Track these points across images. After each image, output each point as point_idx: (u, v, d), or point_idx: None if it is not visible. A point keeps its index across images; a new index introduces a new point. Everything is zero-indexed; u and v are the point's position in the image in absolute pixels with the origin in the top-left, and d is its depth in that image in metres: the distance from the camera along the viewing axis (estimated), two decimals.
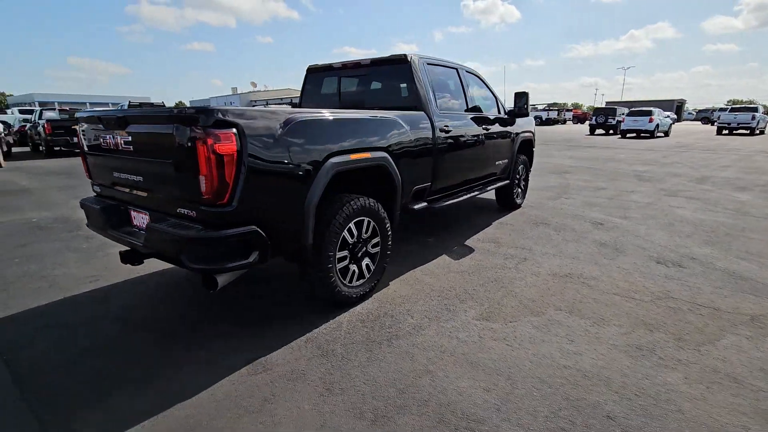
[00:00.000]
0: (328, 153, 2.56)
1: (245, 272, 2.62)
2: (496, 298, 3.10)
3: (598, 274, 3.54)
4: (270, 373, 2.21)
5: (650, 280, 3.42)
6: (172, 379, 2.17)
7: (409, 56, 3.68)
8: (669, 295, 3.13)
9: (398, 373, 2.21)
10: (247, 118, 2.14)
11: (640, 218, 5.33)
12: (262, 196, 2.25)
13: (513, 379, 2.15)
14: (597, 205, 6.08)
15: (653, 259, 3.90)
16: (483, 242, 4.45)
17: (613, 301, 3.04)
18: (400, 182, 3.25)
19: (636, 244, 4.33)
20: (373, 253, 3.12)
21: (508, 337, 2.56)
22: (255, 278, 3.48)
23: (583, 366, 2.26)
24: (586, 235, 4.63)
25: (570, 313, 2.86)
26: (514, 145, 5.40)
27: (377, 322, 2.76)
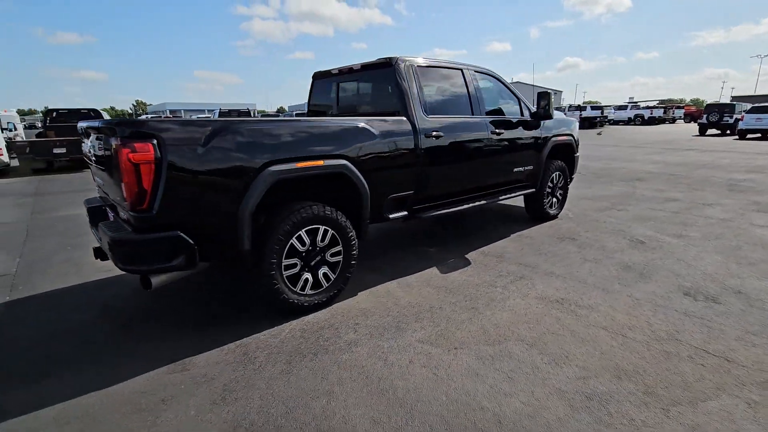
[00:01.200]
0: (266, 161, 2.57)
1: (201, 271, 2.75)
2: (458, 320, 2.83)
3: (597, 303, 3.05)
4: (185, 374, 2.30)
5: (661, 315, 2.84)
6: (102, 368, 2.36)
7: (394, 60, 3.54)
8: (674, 337, 2.57)
9: (299, 390, 2.14)
10: (169, 129, 2.25)
11: (698, 238, 4.46)
12: (186, 203, 2.34)
13: (412, 414, 1.95)
14: (652, 219, 5.23)
15: (682, 289, 3.24)
16: (486, 256, 4.10)
17: (595, 337, 2.59)
18: (368, 191, 3.14)
19: (672, 269, 3.63)
20: (332, 262, 3.06)
21: (441, 366, 2.32)
22: (232, 278, 3.64)
23: (503, 411, 1.96)
24: (613, 255, 4.01)
25: (531, 346, 2.51)
26: (543, 151, 4.88)
27: (318, 333, 2.71)
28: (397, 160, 3.36)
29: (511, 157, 4.49)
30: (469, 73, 4.13)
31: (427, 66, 3.77)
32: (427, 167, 3.59)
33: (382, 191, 3.31)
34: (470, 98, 4.07)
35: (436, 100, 3.82)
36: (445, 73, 3.96)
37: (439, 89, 3.89)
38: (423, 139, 3.51)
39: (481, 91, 4.20)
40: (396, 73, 3.51)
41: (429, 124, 3.58)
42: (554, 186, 5.29)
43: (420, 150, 3.49)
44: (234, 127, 2.48)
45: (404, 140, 3.39)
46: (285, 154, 2.66)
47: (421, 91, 3.59)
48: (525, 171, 4.73)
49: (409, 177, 3.49)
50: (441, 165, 3.73)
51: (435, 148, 3.62)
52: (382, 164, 3.26)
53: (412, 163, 3.47)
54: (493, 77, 4.49)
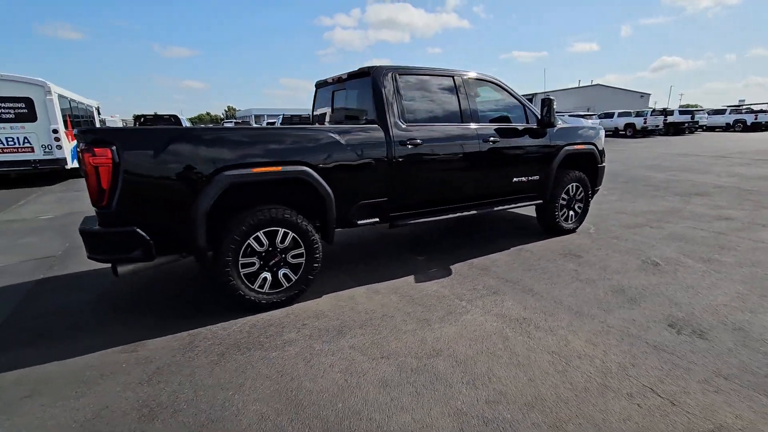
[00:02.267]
0: (220, 167, 2.78)
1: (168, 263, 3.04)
2: (402, 330, 2.81)
3: (559, 326, 2.83)
4: (132, 354, 2.57)
5: (626, 346, 2.57)
6: (73, 342, 2.72)
7: (373, 69, 3.59)
8: (625, 371, 2.32)
9: (215, 380, 2.30)
10: (126, 136, 2.55)
11: (729, 263, 3.90)
12: (142, 202, 2.62)
13: (299, 416, 2.00)
14: (686, 240, 4.65)
15: (669, 320, 2.88)
16: (472, 268, 3.97)
17: (534, 362, 2.42)
18: (332, 197, 3.23)
19: (672, 296, 3.24)
20: (294, 264, 3.20)
21: (356, 373, 2.34)
22: None
23: (389, 425, 1.94)
24: (612, 277, 3.67)
25: (459, 364, 2.42)
26: (553, 161, 4.59)
27: (263, 330, 2.86)
28: (367, 168, 3.41)
29: (509, 166, 4.29)
30: (462, 80, 4.04)
31: (411, 74, 3.77)
32: (402, 175, 3.59)
33: (349, 198, 3.39)
34: (460, 106, 3.98)
35: (419, 109, 3.79)
36: (433, 81, 3.92)
37: (423, 97, 3.86)
38: (397, 147, 3.52)
39: (474, 99, 4.09)
40: (373, 82, 3.56)
41: (406, 132, 3.58)
42: (571, 198, 4.94)
43: (394, 158, 3.51)
44: (189, 134, 2.73)
45: (375, 148, 3.43)
46: (240, 160, 2.86)
47: (399, 100, 3.60)
48: (529, 181, 4.48)
49: (381, 184, 3.51)
50: (419, 173, 3.70)
51: (412, 157, 3.60)
52: (348, 171, 3.33)
53: (385, 171, 3.49)
54: (493, 84, 4.34)
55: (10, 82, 9.70)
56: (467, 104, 4.01)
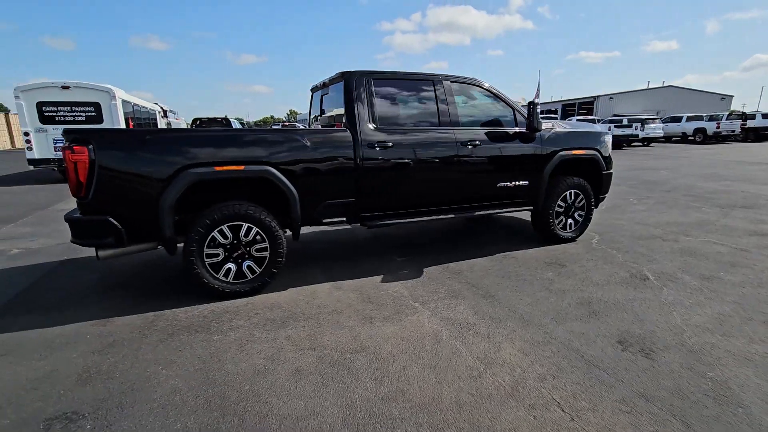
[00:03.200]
0: (184, 165, 3.05)
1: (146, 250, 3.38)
2: (342, 325, 2.91)
3: (498, 333, 2.78)
4: (100, 328, 2.91)
5: (558, 358, 2.47)
6: (61, 315, 3.12)
7: (347, 74, 3.72)
8: (534, 385, 2.25)
9: (154, 356, 2.55)
10: (101, 137, 2.90)
11: (733, 283, 3.54)
12: (114, 195, 2.96)
13: (206, 393, 2.18)
14: (696, 255, 4.27)
15: (622, 336, 2.71)
16: (445, 271, 3.95)
17: (451, 366, 2.42)
18: (296, 195, 3.41)
19: (641, 312, 3.03)
20: (258, 257, 3.41)
21: (277, 360, 2.48)
22: None
23: (280, 409, 2.06)
24: (586, 289, 3.49)
25: (378, 360, 2.47)
26: (545, 166, 4.43)
27: (217, 316, 3.09)
28: (333, 169, 3.55)
29: (492, 171, 4.21)
30: (443, 85, 4.04)
31: (387, 79, 3.85)
32: (371, 177, 3.68)
33: (315, 197, 3.54)
34: (438, 110, 3.99)
35: (393, 113, 3.86)
36: (411, 85, 3.97)
37: (399, 102, 3.92)
38: (365, 149, 3.62)
39: (454, 103, 4.06)
40: (345, 86, 3.70)
41: (375, 135, 3.67)
42: (569, 206, 4.72)
43: (361, 160, 3.61)
44: (157, 135, 3.04)
45: (341, 150, 3.55)
46: (204, 159, 3.12)
47: (370, 104, 3.70)
48: (516, 186, 4.36)
49: (349, 186, 3.63)
50: (390, 176, 3.76)
51: (381, 159, 3.68)
52: (313, 172, 3.49)
53: (351, 172, 3.60)
54: (480, 88, 4.28)
55: (83, 89, 11.05)
56: (446, 108, 4.01)
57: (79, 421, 1.97)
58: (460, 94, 4.19)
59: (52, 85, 10.85)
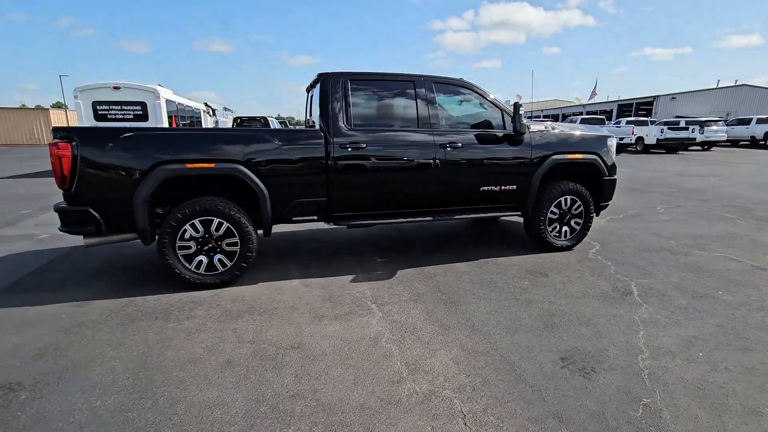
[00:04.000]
0: (157, 162, 3.26)
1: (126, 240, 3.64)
2: (290, 322, 2.98)
3: (439, 340, 2.72)
4: (76, 309, 3.18)
5: (485, 371, 2.39)
6: (53, 295, 3.45)
7: (323, 76, 3.78)
8: (440, 389, 2.18)
9: (109, 336, 2.75)
10: (83, 134, 3.17)
11: (726, 303, 3.22)
12: (93, 188, 3.22)
13: (137, 374, 2.33)
14: (699, 271, 3.91)
15: (568, 353, 2.56)
16: (419, 275, 3.90)
17: (369, 368, 2.41)
18: (266, 193, 3.52)
19: (600, 330, 2.84)
20: (229, 251, 3.57)
21: (216, 351, 2.59)
22: None
23: (193, 398, 2.17)
24: (556, 301, 3.31)
25: (305, 359, 2.51)
26: (537, 170, 4.24)
27: (182, 305, 3.26)
28: (303, 169, 3.63)
29: (474, 174, 4.09)
30: (425, 86, 3.98)
31: (365, 80, 3.87)
32: (343, 178, 3.72)
33: (285, 195, 3.63)
34: (418, 111, 3.94)
35: (369, 114, 3.87)
36: (390, 86, 3.96)
37: (376, 103, 3.92)
38: (337, 150, 3.66)
39: (435, 105, 3.99)
40: (320, 87, 3.76)
41: (347, 136, 3.70)
42: (564, 213, 4.49)
43: (332, 161, 3.66)
44: (133, 133, 3.26)
45: (312, 150, 3.62)
46: (176, 156, 3.31)
47: (345, 105, 3.73)
48: (502, 191, 4.21)
49: (319, 185, 3.69)
50: (362, 177, 3.78)
51: (353, 160, 3.71)
52: (284, 171, 3.58)
53: (322, 172, 3.66)
54: (467, 89, 4.17)
55: (131, 89, 11.97)
56: (426, 109, 3.95)
57: (18, 391, 2.19)
58: (443, 95, 4.12)
59: (105, 85, 11.86)
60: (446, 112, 4.12)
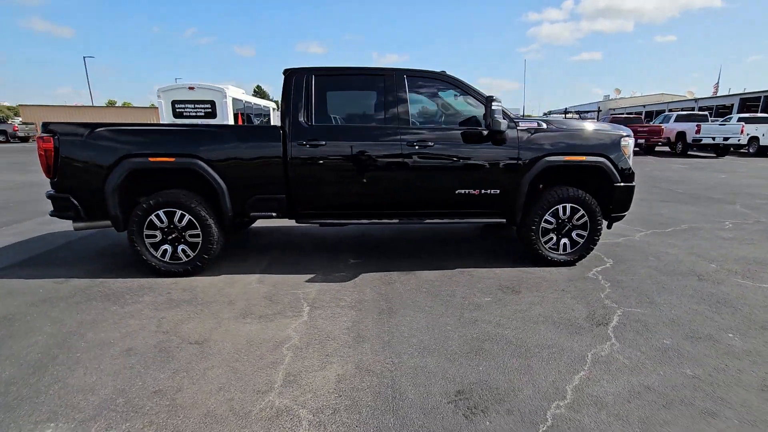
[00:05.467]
0: (123, 155, 3.49)
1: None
2: (214, 317, 3.00)
3: (334, 353, 2.53)
4: (56, 284, 3.55)
5: (356, 394, 2.16)
6: (48, 270, 3.91)
7: (288, 72, 3.72)
8: (289, 413, 2.01)
9: (57, 314, 3.02)
10: (63, 129, 3.50)
11: (726, 351, 2.54)
12: (72, 177, 3.55)
13: (51, 351, 2.52)
14: (723, 306, 3.14)
15: (472, 386, 2.21)
16: (377, 280, 3.69)
17: (235, 369, 2.31)
18: (224, 188, 3.60)
19: (532, 365, 2.41)
20: (192, 243, 3.72)
21: (127, 336, 2.70)
22: None
23: (75, 382, 2.28)
24: (510, 324, 2.90)
25: (201, 353, 2.51)
26: (526, 173, 3.75)
27: (138, 290, 3.45)
28: (261, 165, 3.63)
29: (448, 176, 3.74)
30: (397, 80, 3.72)
31: (332, 75, 3.74)
32: (301, 175, 3.65)
33: (244, 190, 3.67)
34: (386, 106, 3.69)
35: (333, 110, 3.74)
36: (359, 81, 3.78)
37: (342, 98, 3.78)
38: (295, 147, 3.60)
39: (406, 100, 3.70)
40: (284, 84, 3.71)
41: (307, 133, 3.61)
42: (562, 223, 3.92)
43: (291, 157, 3.61)
44: (105, 129, 3.53)
45: (270, 147, 3.60)
46: (140, 150, 3.52)
47: (307, 101, 3.65)
48: (483, 195, 3.79)
49: (278, 182, 3.66)
50: (323, 174, 3.67)
51: (312, 157, 3.62)
52: (242, 167, 3.62)
53: (281, 169, 3.63)
54: (447, 83, 3.82)
55: (203, 89, 13.15)
56: (395, 105, 3.69)
57: None
58: (418, 90, 3.83)
59: (182, 86, 13.19)
60: (419, 108, 3.83)
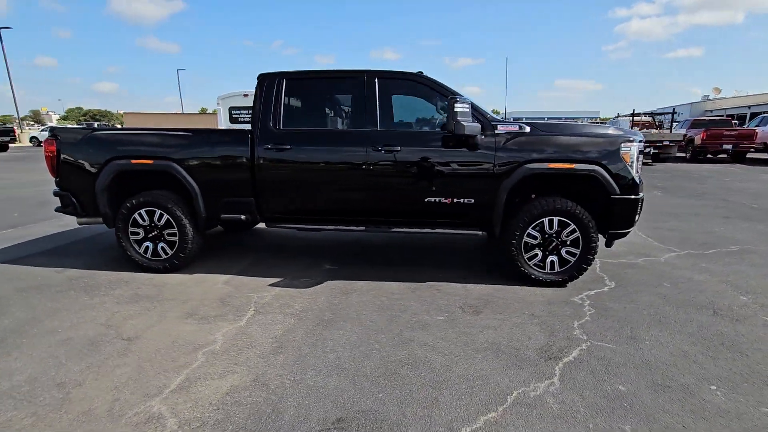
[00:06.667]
0: (110, 157, 3.74)
1: None
2: (161, 315, 3.08)
3: (243, 361, 2.45)
4: (52, 273, 3.90)
5: (201, 412, 2.06)
6: (56, 259, 4.33)
7: (260, 76, 3.74)
8: (124, 417, 1.96)
9: (36, 301, 3.31)
10: (63, 133, 3.85)
11: (692, 407, 2.05)
12: (70, 177, 3.89)
13: (5, 336, 2.77)
14: (724, 349, 2.56)
15: (355, 413, 2.01)
16: (337, 289, 3.55)
17: (143, 366, 2.33)
18: (197, 190, 3.72)
19: (438, 395, 2.13)
20: (170, 241, 3.89)
21: (73, 328, 2.87)
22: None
23: (4, 365, 2.46)
24: (442, 349, 2.62)
25: (122, 350, 2.59)
26: (504, 180, 3.39)
27: (113, 283, 3.67)
28: (230, 168, 3.69)
29: (416, 182, 3.50)
30: (367, 82, 3.55)
31: (304, 79, 3.69)
32: (268, 179, 3.65)
33: (215, 193, 3.75)
34: (355, 109, 3.57)
35: (301, 114, 3.69)
36: (329, 84, 3.73)
37: (312, 102, 3.71)
38: (262, 151, 3.61)
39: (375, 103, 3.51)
40: (256, 88, 3.74)
41: (273, 137, 3.60)
42: (549, 238, 3.49)
43: (258, 161, 3.62)
44: (96, 133, 3.82)
45: (239, 150, 3.65)
46: (124, 153, 3.76)
47: (276, 105, 3.64)
48: (455, 204, 3.49)
49: (246, 185, 3.69)
50: (288, 179, 3.65)
51: (278, 161, 3.61)
52: (212, 169, 3.71)
53: (249, 172, 3.66)
54: (421, 85, 3.57)
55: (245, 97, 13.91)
56: (363, 108, 3.54)
57: None
58: (392, 92, 3.64)
59: (238, 93, 14.09)
60: (391, 111, 3.64)
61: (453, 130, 3.15)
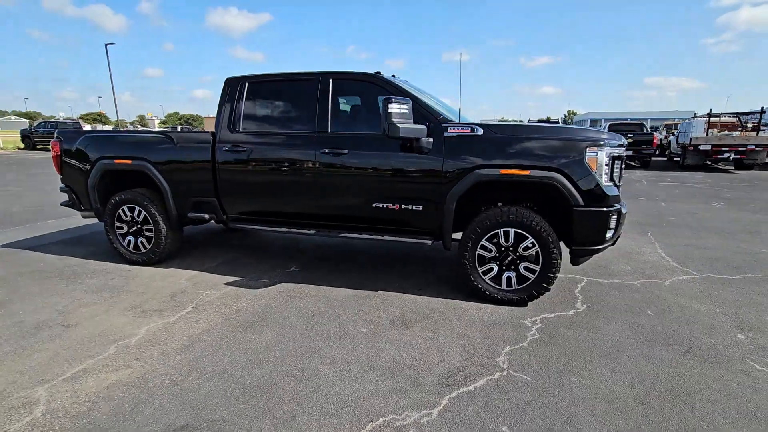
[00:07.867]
0: (98, 157, 4.08)
1: None
2: (113, 306, 3.28)
3: (134, 345, 2.51)
4: (55, 261, 4.35)
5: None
6: (66, 248, 4.82)
7: (227, 79, 3.83)
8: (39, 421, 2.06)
9: (21, 285, 3.71)
10: (64, 135, 4.27)
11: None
12: (70, 175, 4.31)
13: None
14: (682, 396, 2.13)
15: (196, 420, 1.96)
16: (284, 292, 3.53)
17: (81, 358, 2.48)
18: (168, 189, 3.93)
19: (292, 413, 2.01)
20: (148, 236, 4.15)
21: (35, 313, 3.17)
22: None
23: None
24: (293, 362, 2.48)
25: (66, 328, 2.79)
26: (453, 187, 3.13)
27: (95, 273, 3.99)
28: (195, 169, 3.83)
29: (361, 187, 3.36)
30: (322, 84, 3.48)
31: (266, 82, 3.73)
32: (226, 179, 3.74)
33: (183, 193, 3.93)
34: (307, 112, 3.51)
35: (259, 116, 3.71)
36: (289, 87, 3.69)
37: (270, 105, 3.72)
38: (221, 152, 3.71)
39: (328, 104, 3.44)
40: (222, 91, 3.84)
41: (231, 139, 3.68)
42: (504, 252, 3.16)
43: (218, 161, 3.73)
44: (89, 135, 4.19)
45: (202, 152, 3.78)
46: (109, 154, 4.07)
47: (236, 108, 3.71)
48: (402, 210, 3.30)
49: (208, 185, 3.81)
50: (243, 180, 3.71)
51: (234, 163, 3.68)
52: (180, 170, 3.89)
53: (210, 173, 3.78)
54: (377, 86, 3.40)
55: None
56: (315, 110, 3.47)
57: None
58: (347, 94, 3.55)
59: None
60: (347, 114, 3.54)
61: (387, 131, 2.96)
